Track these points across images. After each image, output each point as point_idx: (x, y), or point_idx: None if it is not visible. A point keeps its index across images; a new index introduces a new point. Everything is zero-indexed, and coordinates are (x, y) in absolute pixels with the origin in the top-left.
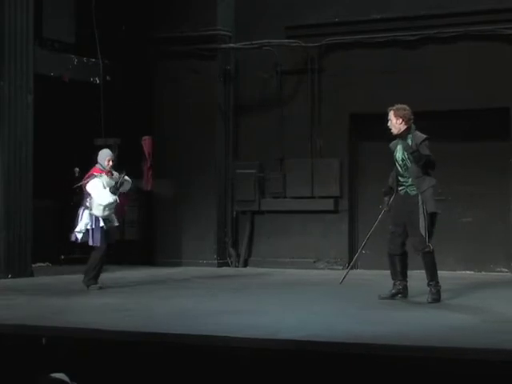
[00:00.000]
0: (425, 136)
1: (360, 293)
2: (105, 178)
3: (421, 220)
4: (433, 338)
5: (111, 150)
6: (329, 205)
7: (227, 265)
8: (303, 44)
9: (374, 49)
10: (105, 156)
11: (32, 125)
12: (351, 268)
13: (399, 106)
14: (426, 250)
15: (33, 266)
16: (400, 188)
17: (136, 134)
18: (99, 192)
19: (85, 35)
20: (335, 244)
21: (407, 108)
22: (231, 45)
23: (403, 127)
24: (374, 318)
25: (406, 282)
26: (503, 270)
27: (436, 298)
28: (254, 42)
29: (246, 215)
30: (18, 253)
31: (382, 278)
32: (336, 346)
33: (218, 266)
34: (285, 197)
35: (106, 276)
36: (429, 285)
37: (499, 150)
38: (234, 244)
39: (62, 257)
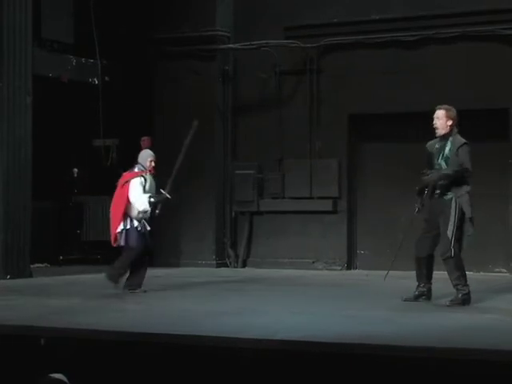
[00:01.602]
0: (464, 141)
1: (359, 293)
2: (149, 177)
3: (450, 224)
4: (433, 338)
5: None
6: (328, 205)
7: (226, 265)
8: (302, 44)
9: (373, 49)
10: (146, 156)
11: (31, 126)
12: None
13: (448, 106)
14: (447, 255)
15: (31, 266)
16: (436, 191)
17: (135, 134)
18: (138, 195)
19: (83, 36)
20: (334, 244)
21: (455, 110)
22: (230, 45)
23: (449, 129)
24: (373, 319)
25: (431, 284)
26: (502, 270)
27: (457, 302)
28: (252, 43)
29: (245, 216)
30: (16, 253)
31: (381, 279)
32: (335, 346)
33: (217, 267)
34: (283, 197)
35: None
36: (455, 288)
37: (499, 150)
38: (233, 245)
39: (61, 257)
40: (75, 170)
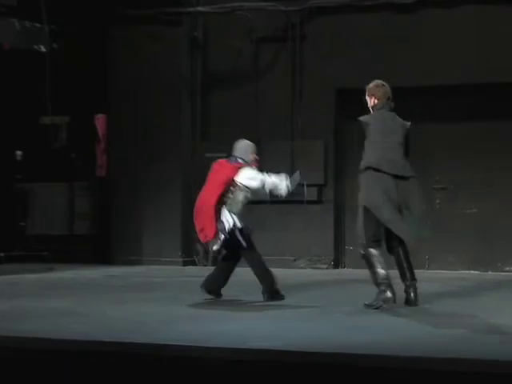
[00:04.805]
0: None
1: (347, 295)
2: None
3: (358, 216)
4: (418, 346)
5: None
6: (311, 194)
7: (194, 263)
8: (283, 8)
9: (364, 13)
10: (249, 149)
11: None
12: None
13: (373, 82)
14: (361, 252)
15: None
16: None
17: (88, 111)
18: (258, 176)
19: None
20: (318, 239)
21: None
22: (199, 8)
23: (372, 106)
24: (362, 324)
25: (406, 282)
26: None
27: (375, 304)
28: (225, 5)
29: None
30: None
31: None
32: (316, 356)
33: (184, 265)
34: None
35: (53, 276)
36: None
37: (510, 130)
38: None
39: (2, 254)
40: (19, 152)
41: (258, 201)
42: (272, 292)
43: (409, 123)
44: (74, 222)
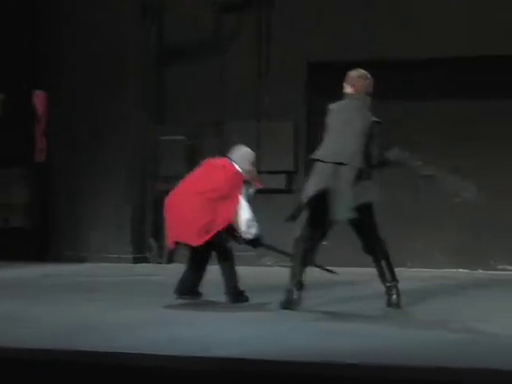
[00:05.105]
0: None
1: (319, 297)
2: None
3: None
4: (399, 353)
5: None
6: (280, 182)
7: (146, 260)
8: None
9: None
10: (248, 157)
11: None
12: None
13: None
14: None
15: None
16: None
17: (26, 87)
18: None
19: None
20: (287, 233)
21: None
22: None
23: None
24: (336, 329)
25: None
26: (507, 268)
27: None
28: None
29: None
30: None
31: (353, 278)
32: (282, 365)
33: (134, 262)
34: None
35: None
36: None
37: (505, 108)
38: (156, 233)
39: None
40: None
41: None
42: (236, 293)
43: (376, 119)
44: (8, 213)
